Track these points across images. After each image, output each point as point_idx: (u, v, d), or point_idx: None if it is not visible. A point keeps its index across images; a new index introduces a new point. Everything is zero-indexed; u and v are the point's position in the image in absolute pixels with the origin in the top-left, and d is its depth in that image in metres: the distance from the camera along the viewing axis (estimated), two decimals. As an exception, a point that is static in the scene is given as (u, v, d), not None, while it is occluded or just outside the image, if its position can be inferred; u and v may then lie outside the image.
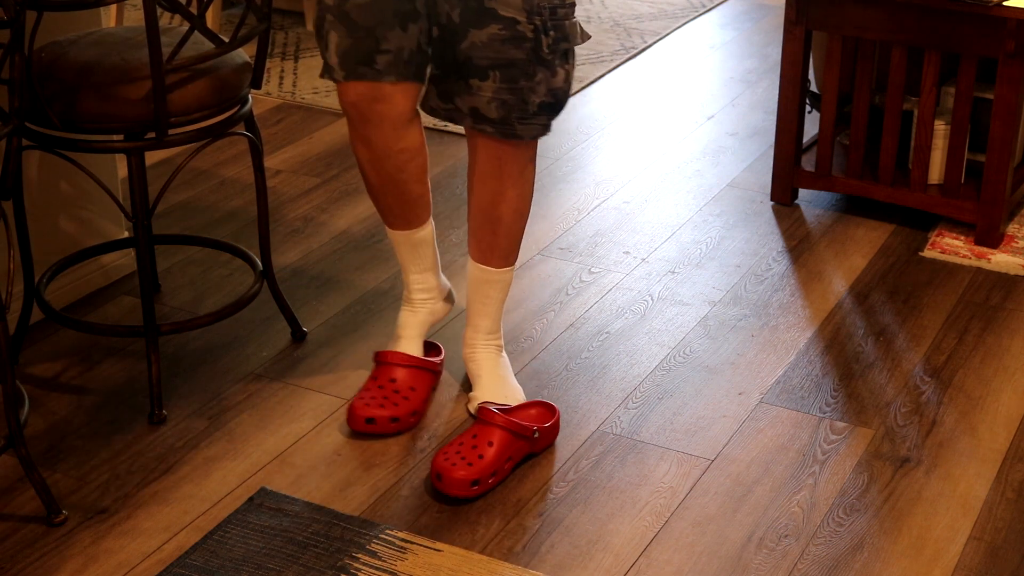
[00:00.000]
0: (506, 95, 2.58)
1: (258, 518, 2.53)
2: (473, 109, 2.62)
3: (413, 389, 2.82)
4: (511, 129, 2.62)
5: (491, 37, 2.54)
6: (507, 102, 2.59)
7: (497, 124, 2.62)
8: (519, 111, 2.61)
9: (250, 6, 2.73)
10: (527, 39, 2.54)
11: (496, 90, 2.58)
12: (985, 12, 3.29)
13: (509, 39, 2.54)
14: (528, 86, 2.58)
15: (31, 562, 2.42)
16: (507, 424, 2.64)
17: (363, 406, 2.76)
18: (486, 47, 2.55)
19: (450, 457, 2.61)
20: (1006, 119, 3.40)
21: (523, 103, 2.60)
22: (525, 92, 2.59)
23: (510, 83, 2.57)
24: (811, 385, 2.97)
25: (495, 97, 2.58)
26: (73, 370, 2.97)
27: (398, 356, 2.84)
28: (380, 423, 2.75)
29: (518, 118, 2.61)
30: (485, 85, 2.58)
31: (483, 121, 2.62)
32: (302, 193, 3.79)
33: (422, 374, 2.85)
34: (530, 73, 2.57)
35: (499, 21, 2.53)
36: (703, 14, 5.29)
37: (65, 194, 3.17)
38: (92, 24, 3.10)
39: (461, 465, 2.58)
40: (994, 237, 3.50)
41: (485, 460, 2.61)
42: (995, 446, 2.78)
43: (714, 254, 3.51)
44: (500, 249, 2.79)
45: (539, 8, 2.54)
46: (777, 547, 2.50)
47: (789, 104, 3.67)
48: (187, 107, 2.67)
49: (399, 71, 2.63)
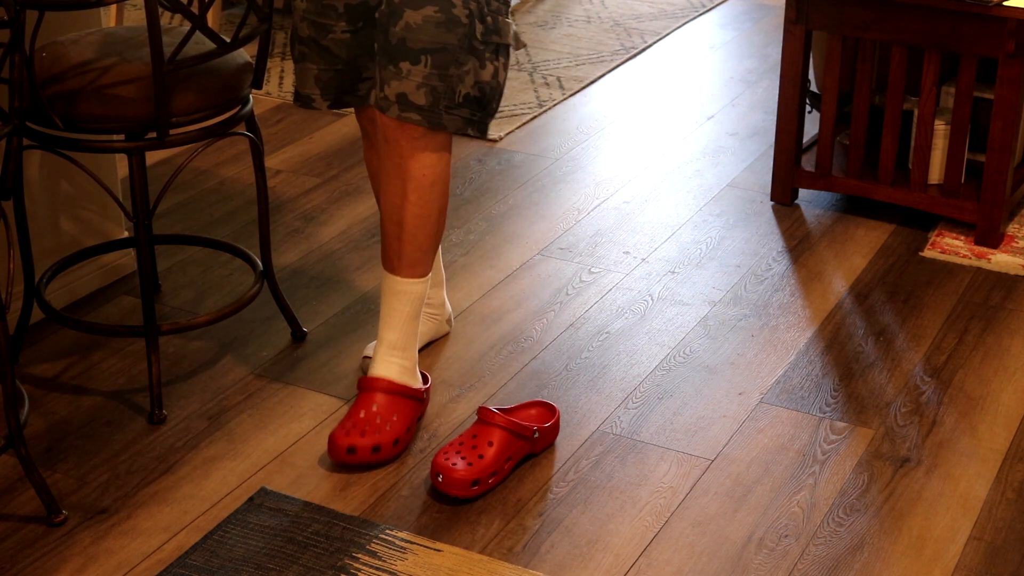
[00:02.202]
0: (436, 81, 2.54)
1: (258, 518, 2.53)
2: (401, 95, 2.56)
3: (395, 417, 2.71)
4: (437, 118, 2.57)
5: (426, 19, 2.51)
6: (436, 88, 2.55)
7: (424, 111, 2.56)
8: (447, 99, 2.56)
9: (251, 6, 2.73)
10: (461, 24, 2.52)
11: (426, 75, 2.53)
12: (985, 12, 3.29)
13: (443, 22, 2.51)
14: (457, 74, 2.55)
15: (31, 562, 2.42)
16: (507, 424, 2.64)
17: (343, 435, 2.66)
18: (420, 29, 2.51)
19: (450, 457, 2.61)
20: (1006, 119, 3.40)
21: (451, 91, 2.56)
22: (454, 80, 2.55)
23: (440, 69, 2.54)
24: (811, 385, 2.97)
25: (425, 83, 2.54)
26: (73, 370, 2.98)
27: (380, 382, 2.72)
28: (360, 452, 2.65)
29: (445, 107, 2.57)
30: (416, 69, 2.53)
31: (410, 108, 2.56)
32: (302, 193, 3.79)
33: (404, 402, 2.74)
34: (460, 61, 2.54)
35: (435, 3, 2.51)
36: (703, 14, 5.29)
37: (65, 194, 3.17)
38: (92, 24, 3.10)
39: (461, 465, 2.59)
40: (994, 237, 3.50)
41: (485, 460, 2.61)
42: (995, 446, 2.78)
43: (714, 254, 3.51)
44: (405, 256, 2.71)
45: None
46: (777, 547, 2.50)
47: (789, 104, 3.67)
48: (188, 107, 2.67)
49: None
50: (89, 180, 3.13)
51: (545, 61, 4.77)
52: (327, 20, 2.64)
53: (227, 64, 2.76)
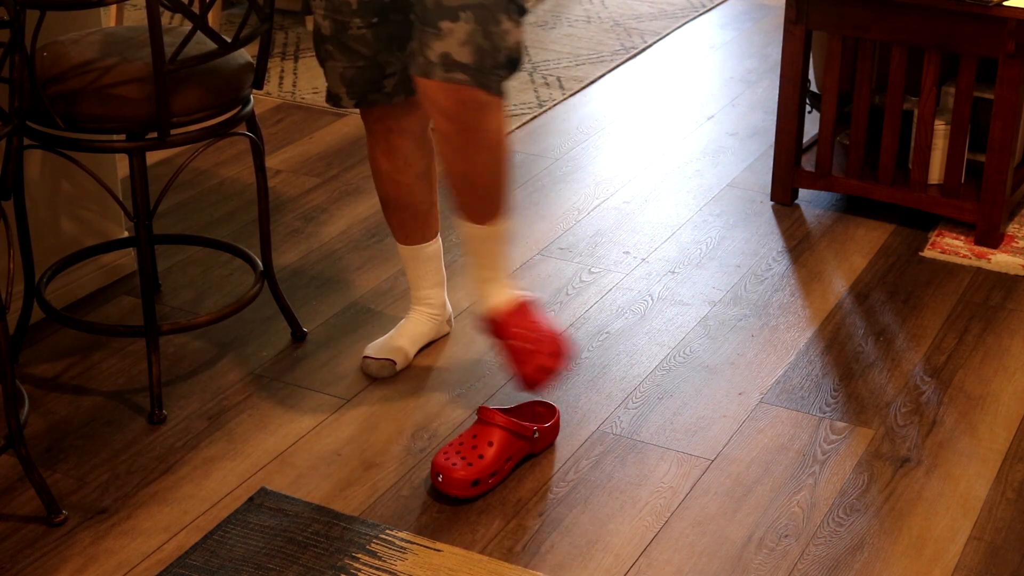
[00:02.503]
0: (480, 38, 2.47)
1: (258, 518, 2.53)
2: (444, 55, 2.47)
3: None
4: (484, 77, 2.49)
5: None
6: (481, 46, 2.47)
7: (471, 70, 2.48)
8: (491, 58, 2.49)
9: (252, 6, 2.73)
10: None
11: (469, 32, 2.46)
12: (985, 12, 3.29)
13: None
14: (498, 32, 2.49)
15: (31, 562, 2.42)
16: (507, 424, 2.64)
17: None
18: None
19: (450, 457, 2.61)
20: (1006, 119, 3.40)
21: (495, 49, 2.49)
22: (496, 38, 2.48)
23: (483, 25, 2.46)
24: (811, 385, 2.97)
25: (468, 40, 2.46)
26: (73, 370, 2.97)
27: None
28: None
29: (490, 67, 2.50)
30: (457, 27, 2.46)
31: (455, 67, 2.47)
32: (302, 193, 3.79)
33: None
34: (498, 19, 2.48)
35: None
36: (703, 14, 5.29)
37: (66, 194, 3.17)
38: (92, 23, 3.10)
39: (461, 465, 2.59)
40: (994, 237, 3.50)
41: (485, 460, 2.60)
42: (995, 446, 2.78)
43: (714, 254, 3.51)
44: (485, 209, 2.68)
45: None
46: (777, 547, 2.50)
47: (789, 104, 3.67)
48: (189, 107, 2.67)
49: (407, 88, 2.70)
50: (89, 180, 3.13)
51: (545, 61, 4.77)
52: (343, 17, 2.63)
53: (228, 64, 2.76)
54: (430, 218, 2.94)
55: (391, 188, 2.87)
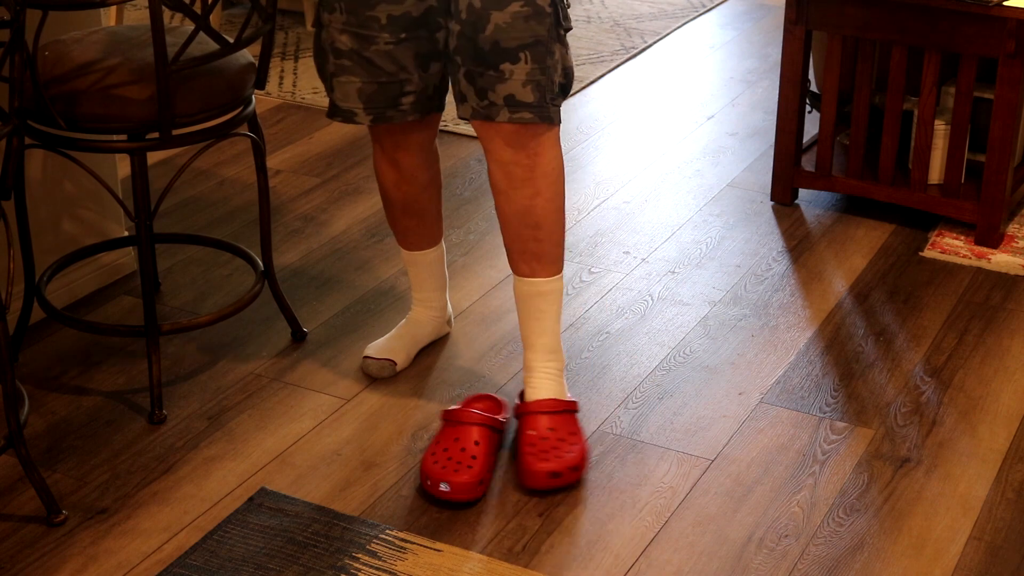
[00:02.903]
0: (539, 75, 2.52)
1: (258, 518, 2.53)
2: (509, 97, 2.53)
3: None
4: (547, 112, 2.55)
5: (514, 16, 2.48)
6: (540, 83, 2.53)
7: (535, 108, 2.54)
8: (550, 91, 2.55)
9: (255, 6, 2.73)
10: (546, 13, 2.51)
11: (529, 72, 2.51)
12: (985, 12, 3.29)
13: (532, 15, 2.49)
14: (552, 65, 2.54)
15: (31, 562, 2.42)
16: (484, 420, 2.65)
17: (540, 461, 2.62)
18: (511, 27, 2.49)
19: (446, 464, 2.57)
20: (1006, 119, 3.40)
21: (551, 83, 2.55)
22: (551, 72, 2.54)
23: (540, 63, 2.52)
24: (811, 385, 2.97)
25: (529, 79, 2.51)
26: (73, 370, 2.98)
27: (548, 403, 2.70)
28: (565, 475, 2.62)
29: (550, 100, 2.56)
30: (518, 68, 2.51)
31: (521, 107, 2.53)
32: (302, 193, 3.79)
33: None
34: (552, 51, 2.53)
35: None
36: (703, 14, 5.29)
37: (66, 193, 3.17)
38: (93, 23, 3.10)
39: (462, 469, 2.57)
40: (994, 237, 3.50)
41: (480, 459, 2.60)
42: (995, 446, 2.78)
43: (714, 254, 3.51)
44: (546, 255, 2.69)
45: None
46: (777, 547, 2.50)
47: (789, 104, 3.67)
48: (191, 108, 2.67)
49: (423, 107, 2.68)
50: (90, 179, 3.13)
51: (545, 61, 4.77)
52: (369, 31, 2.58)
53: (230, 65, 2.76)
54: (435, 225, 2.93)
55: (396, 196, 2.86)
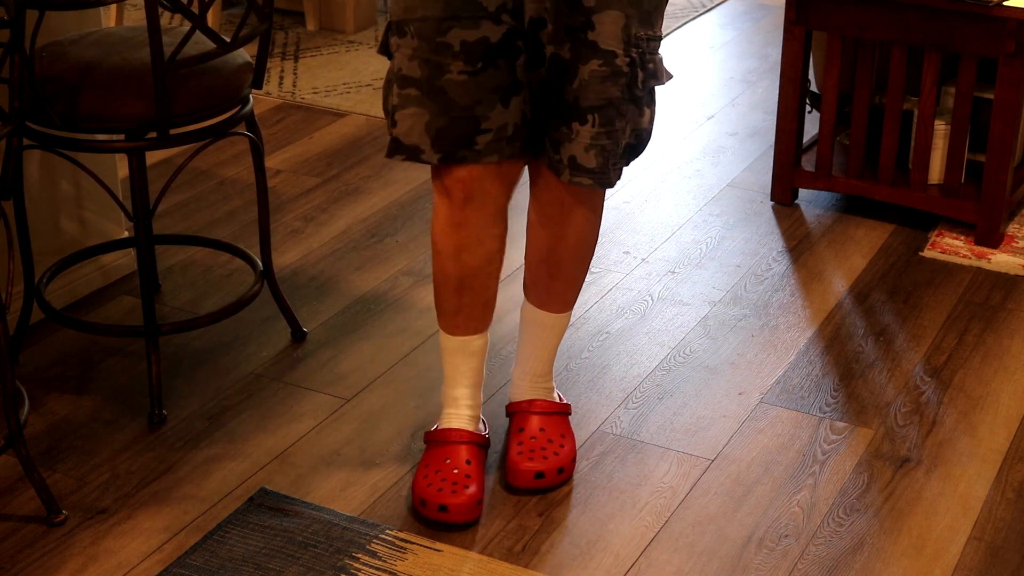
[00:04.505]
0: (604, 140, 2.37)
1: (258, 518, 2.53)
2: (572, 159, 2.38)
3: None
4: (606, 178, 2.41)
5: (592, 74, 2.33)
6: (605, 147, 2.38)
7: (596, 174, 2.39)
8: (613, 157, 2.40)
9: (252, 6, 2.73)
10: (623, 74, 2.35)
11: (595, 135, 2.36)
12: (985, 12, 3.29)
13: (609, 75, 2.34)
14: (621, 128, 2.39)
15: (31, 562, 2.42)
16: (473, 439, 2.59)
17: (525, 460, 2.61)
18: (588, 86, 2.34)
19: (442, 487, 2.51)
20: (1006, 119, 3.40)
21: (616, 147, 2.40)
22: (618, 135, 2.39)
23: (608, 126, 2.37)
24: (811, 385, 2.97)
25: (593, 143, 2.37)
26: (73, 370, 2.97)
27: (539, 404, 2.69)
28: (548, 476, 2.61)
29: (612, 165, 2.41)
30: (584, 130, 2.36)
31: (580, 172, 2.39)
32: (302, 193, 3.79)
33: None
34: (623, 113, 2.39)
35: (599, 56, 2.33)
36: (703, 14, 5.29)
37: (65, 194, 3.17)
38: (92, 24, 3.10)
39: (460, 490, 2.51)
40: (994, 237, 3.50)
41: (474, 477, 2.54)
42: (995, 446, 2.78)
43: (714, 254, 3.51)
44: (558, 294, 2.63)
45: (636, 40, 2.35)
46: (777, 547, 2.50)
47: (789, 104, 3.67)
48: (189, 107, 2.67)
49: (502, 150, 2.39)
50: (89, 180, 3.13)
51: (545, 61, 4.76)
52: (442, 59, 2.32)
53: (227, 64, 2.76)
54: (490, 306, 2.59)
55: (454, 268, 2.50)
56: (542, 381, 2.73)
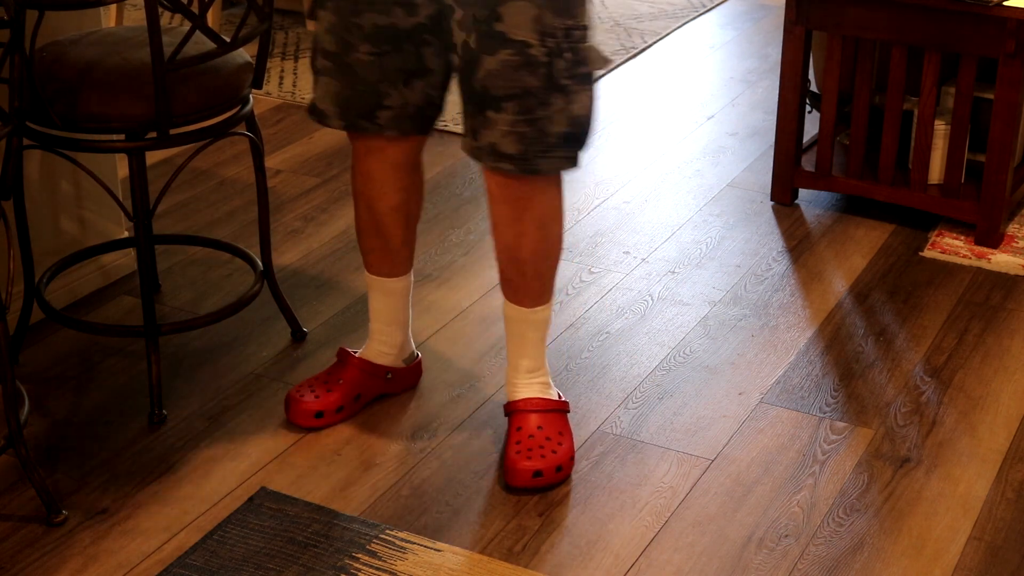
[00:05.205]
0: (523, 127, 2.42)
1: (258, 518, 2.53)
2: (491, 145, 2.45)
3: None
4: (530, 165, 2.46)
5: (502, 64, 2.38)
6: (525, 135, 2.43)
7: (516, 160, 2.45)
8: (539, 144, 2.44)
9: (251, 6, 2.73)
10: (540, 64, 2.39)
11: (512, 122, 2.41)
12: (985, 12, 3.29)
13: (522, 65, 2.38)
14: (546, 116, 2.42)
15: (31, 562, 2.42)
16: (359, 364, 2.78)
17: (524, 459, 2.62)
18: (499, 75, 2.39)
19: (302, 390, 2.78)
20: (1006, 119, 3.40)
21: (543, 134, 2.44)
22: (544, 122, 2.43)
23: (526, 114, 2.41)
24: (811, 385, 2.97)
25: (511, 130, 2.42)
26: (73, 370, 2.97)
27: (534, 402, 2.71)
28: (547, 475, 2.62)
29: (538, 152, 2.45)
30: (500, 117, 2.42)
31: (501, 158, 2.45)
32: (302, 193, 3.79)
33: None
34: (546, 102, 2.42)
35: (510, 46, 2.37)
36: (703, 14, 5.29)
37: (65, 194, 3.17)
38: (92, 24, 3.10)
39: (309, 397, 2.76)
40: (994, 237, 3.50)
41: (335, 395, 2.76)
42: (995, 446, 2.78)
43: (714, 254, 3.51)
44: (529, 290, 2.65)
45: (552, 30, 2.38)
46: (777, 547, 2.50)
47: (789, 104, 3.67)
48: (189, 107, 2.67)
49: (401, 126, 2.57)
50: (89, 180, 3.13)
51: (545, 61, 4.76)
52: (351, 38, 2.49)
53: (227, 64, 2.76)
54: (400, 253, 2.77)
55: (361, 210, 2.74)
56: (535, 376, 2.73)
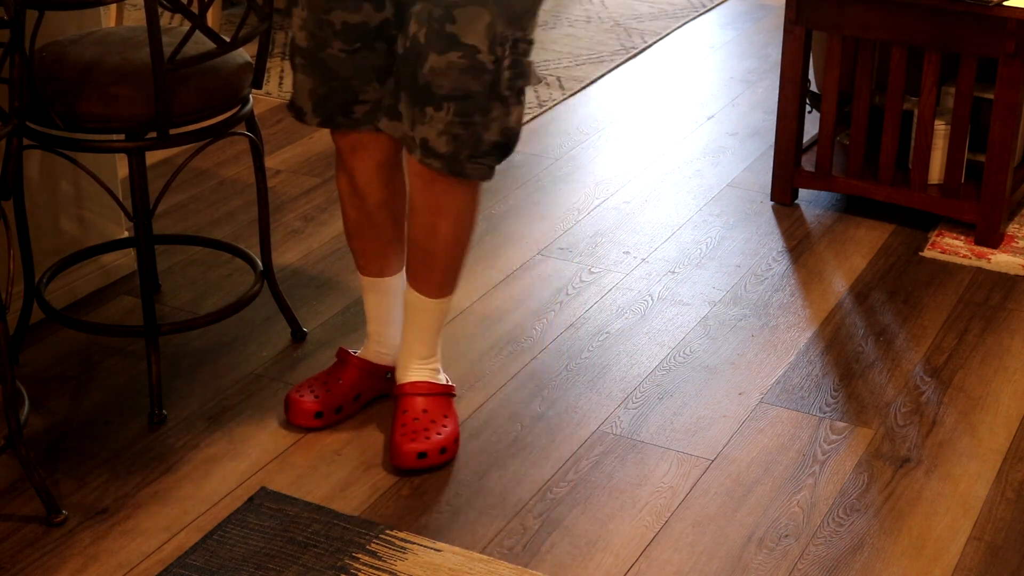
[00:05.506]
0: (458, 129, 2.45)
1: (258, 518, 2.53)
2: (423, 140, 2.47)
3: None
4: (459, 167, 2.49)
5: (450, 65, 2.40)
6: (459, 137, 2.46)
7: (445, 159, 2.48)
8: (470, 148, 2.47)
9: (251, 6, 2.73)
10: (487, 70, 2.42)
11: (448, 123, 2.44)
12: (985, 12, 3.29)
13: (468, 68, 2.41)
14: (482, 122, 2.46)
15: (31, 562, 2.42)
16: (360, 364, 2.78)
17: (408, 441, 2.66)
18: (444, 75, 2.41)
19: (301, 390, 2.78)
20: (1006, 119, 3.40)
21: (476, 140, 2.47)
22: (479, 128, 2.46)
23: (463, 117, 2.44)
24: (811, 385, 2.97)
25: (446, 130, 2.45)
26: (73, 370, 2.97)
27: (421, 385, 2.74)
28: (431, 456, 2.65)
29: (468, 156, 2.48)
30: (438, 116, 2.44)
31: (431, 155, 2.48)
32: (302, 193, 3.79)
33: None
34: (486, 108, 2.45)
35: (460, 48, 2.40)
36: (703, 14, 5.29)
37: (65, 194, 3.17)
38: (92, 24, 3.10)
39: (309, 398, 2.75)
40: (994, 237, 3.50)
41: (333, 395, 2.76)
42: (995, 446, 2.78)
43: (714, 254, 3.51)
44: (433, 281, 2.66)
45: (502, 38, 2.41)
46: (777, 547, 2.50)
47: (789, 104, 3.67)
48: (189, 107, 2.67)
49: (378, 120, 2.59)
50: (89, 180, 3.13)
51: (545, 61, 4.77)
52: (324, 35, 2.52)
53: (227, 64, 2.76)
54: (388, 251, 2.78)
55: (348, 210, 2.74)
56: (427, 363, 2.75)
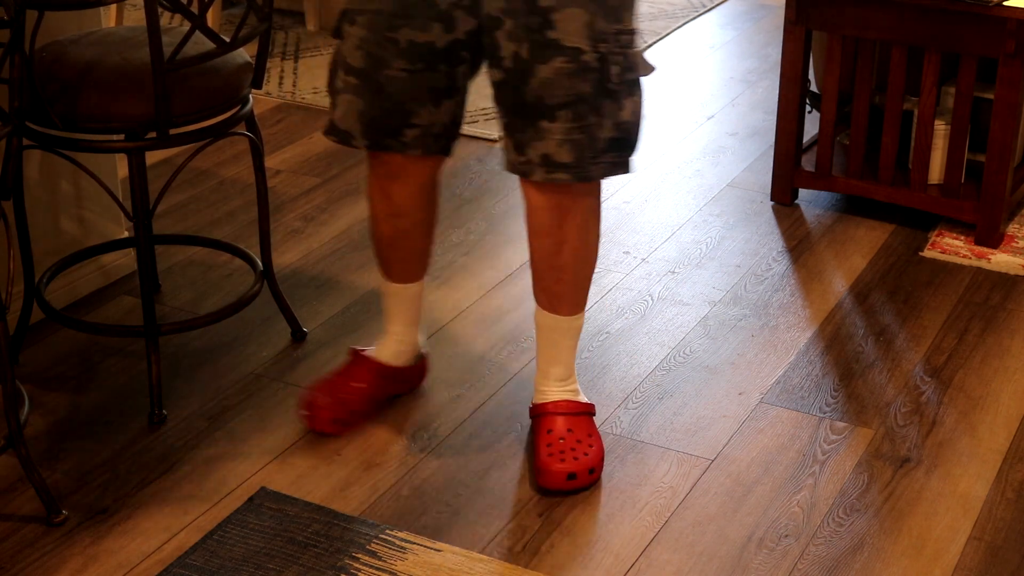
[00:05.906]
0: (577, 135, 2.41)
1: (258, 518, 2.53)
2: (544, 156, 2.43)
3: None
4: (585, 172, 2.44)
5: (557, 72, 2.37)
6: (579, 142, 2.42)
7: (571, 168, 2.43)
8: (590, 150, 2.43)
9: (251, 6, 2.73)
10: (593, 69, 2.39)
11: (567, 131, 2.40)
12: (985, 12, 3.29)
13: (575, 72, 2.37)
14: (596, 122, 2.42)
15: (31, 562, 2.42)
16: (375, 365, 2.79)
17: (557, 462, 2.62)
18: (554, 84, 2.38)
19: (319, 394, 2.76)
20: (1006, 119, 3.40)
21: (592, 141, 2.43)
22: (594, 129, 2.42)
23: (579, 121, 2.40)
24: (811, 385, 2.97)
25: (566, 138, 2.41)
26: (73, 370, 2.97)
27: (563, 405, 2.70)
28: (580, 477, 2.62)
29: (590, 158, 2.44)
30: (554, 127, 2.40)
31: (556, 168, 2.43)
32: (302, 193, 3.79)
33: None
34: (598, 107, 2.41)
35: (564, 53, 2.36)
36: (703, 14, 5.29)
37: (65, 194, 3.17)
38: (92, 24, 3.10)
39: (329, 404, 2.75)
40: (994, 237, 3.50)
41: (353, 399, 2.76)
42: (995, 446, 2.78)
43: (714, 254, 3.51)
44: (567, 297, 2.64)
45: (603, 35, 2.38)
46: (777, 547, 2.50)
47: (789, 104, 3.67)
48: (188, 107, 2.67)
49: (427, 146, 2.55)
50: (89, 180, 3.13)
51: (545, 61, 4.76)
52: (385, 54, 2.45)
53: (227, 64, 2.76)
54: (422, 260, 2.79)
55: (384, 229, 2.72)
56: (566, 384, 2.72)
